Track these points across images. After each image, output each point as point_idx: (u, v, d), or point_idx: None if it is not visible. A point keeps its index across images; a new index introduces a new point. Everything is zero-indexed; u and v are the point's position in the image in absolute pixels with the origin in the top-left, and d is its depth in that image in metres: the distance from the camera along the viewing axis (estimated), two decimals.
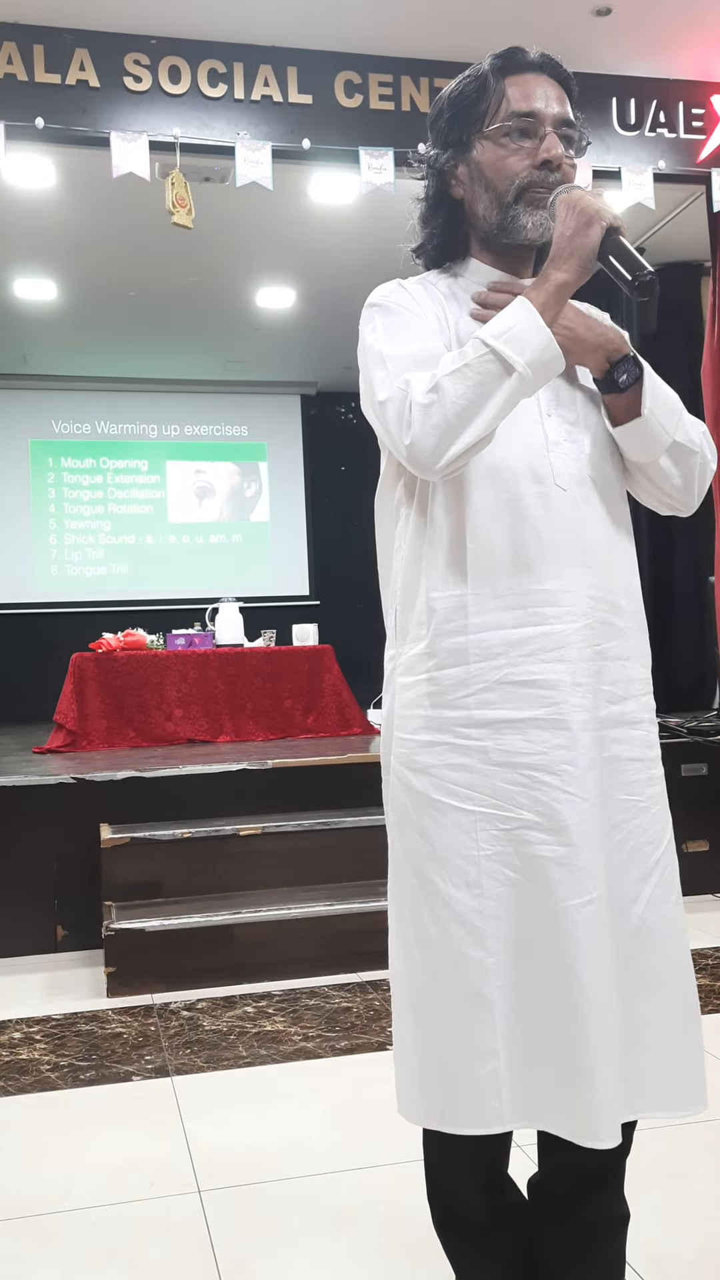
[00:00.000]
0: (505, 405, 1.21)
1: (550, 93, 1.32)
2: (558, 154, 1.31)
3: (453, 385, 1.20)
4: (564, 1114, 1.24)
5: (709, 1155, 2.11)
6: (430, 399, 1.21)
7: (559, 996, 1.23)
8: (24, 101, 3.65)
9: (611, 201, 4.23)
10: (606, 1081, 1.22)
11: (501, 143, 1.32)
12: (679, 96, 4.23)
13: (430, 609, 1.31)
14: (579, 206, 1.23)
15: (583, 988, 1.22)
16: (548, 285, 1.23)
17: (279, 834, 3.55)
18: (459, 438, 1.21)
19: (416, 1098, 1.32)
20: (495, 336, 1.20)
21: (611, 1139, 1.22)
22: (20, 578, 7.67)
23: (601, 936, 1.25)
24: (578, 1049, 1.22)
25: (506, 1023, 1.25)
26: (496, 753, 1.27)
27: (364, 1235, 1.87)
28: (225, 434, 8.08)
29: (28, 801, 3.65)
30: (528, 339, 1.20)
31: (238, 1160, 2.16)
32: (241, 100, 3.84)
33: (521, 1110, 1.26)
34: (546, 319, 1.21)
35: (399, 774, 1.35)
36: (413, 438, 1.23)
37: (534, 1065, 1.25)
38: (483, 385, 1.20)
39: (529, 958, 1.26)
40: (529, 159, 1.31)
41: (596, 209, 1.22)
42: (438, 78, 3.95)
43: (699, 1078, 1.31)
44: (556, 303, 1.23)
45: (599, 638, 1.30)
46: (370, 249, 4.90)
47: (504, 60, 1.34)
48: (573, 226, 1.22)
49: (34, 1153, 2.24)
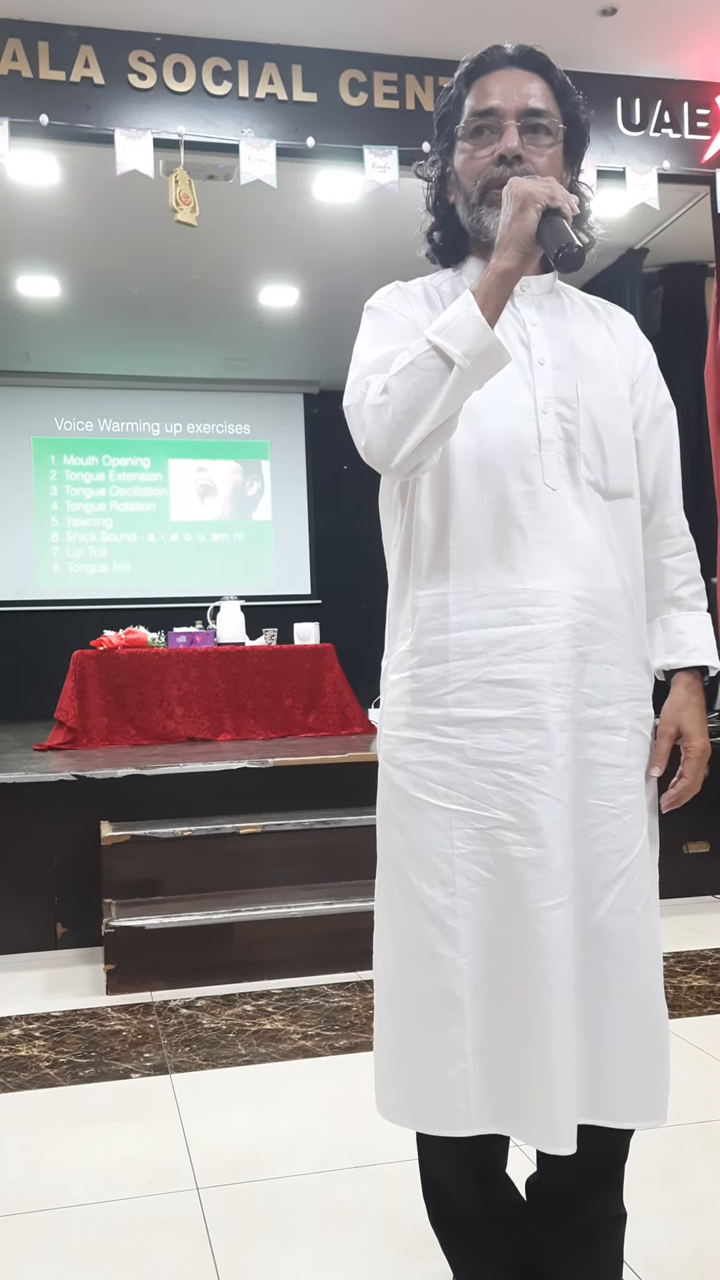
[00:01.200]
0: (450, 398, 1.20)
1: (522, 85, 1.32)
2: (510, 147, 1.30)
3: (398, 384, 1.21)
4: (526, 1119, 1.24)
5: (708, 1156, 2.11)
6: (382, 399, 1.22)
7: (527, 999, 1.23)
8: (28, 98, 3.65)
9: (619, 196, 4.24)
10: (565, 1087, 1.22)
11: (465, 145, 1.34)
12: (684, 97, 4.23)
13: (415, 607, 1.32)
14: (514, 191, 1.21)
15: (550, 990, 1.22)
16: (489, 275, 1.22)
17: (279, 832, 3.55)
18: (409, 435, 1.21)
19: (389, 1095, 1.33)
20: (436, 332, 1.20)
21: (569, 1145, 1.21)
22: (22, 575, 7.67)
23: (569, 939, 1.25)
24: (541, 1053, 1.22)
25: (476, 1024, 1.26)
26: (474, 751, 1.27)
27: (362, 1233, 1.87)
28: (228, 432, 8.08)
29: (28, 799, 3.65)
30: (464, 330, 1.19)
31: (236, 1158, 2.17)
32: (246, 98, 3.84)
33: (488, 1113, 1.26)
34: (489, 310, 1.20)
35: (382, 769, 1.36)
36: (367, 438, 1.25)
37: (500, 1068, 1.25)
38: (425, 381, 1.20)
39: (500, 959, 1.26)
40: (490, 156, 1.31)
41: (528, 192, 1.20)
42: (442, 76, 3.95)
43: (656, 1090, 1.30)
44: (499, 292, 1.21)
45: (582, 639, 1.28)
46: (374, 247, 4.90)
47: (474, 63, 1.35)
48: (510, 213, 1.21)
49: (33, 1149, 2.24)
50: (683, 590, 1.41)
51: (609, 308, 1.45)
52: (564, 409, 1.32)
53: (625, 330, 1.43)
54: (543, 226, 1.20)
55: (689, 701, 1.37)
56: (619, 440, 1.34)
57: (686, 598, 1.41)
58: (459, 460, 1.29)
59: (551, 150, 1.33)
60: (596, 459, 1.32)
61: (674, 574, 1.42)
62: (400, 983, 1.31)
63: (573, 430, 1.31)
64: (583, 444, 1.31)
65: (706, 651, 1.39)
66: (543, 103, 1.32)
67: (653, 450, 1.41)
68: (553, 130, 1.33)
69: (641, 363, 1.42)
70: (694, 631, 1.39)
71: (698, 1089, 2.40)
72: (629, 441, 1.36)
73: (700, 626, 1.40)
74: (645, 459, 1.40)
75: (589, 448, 1.32)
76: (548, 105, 1.33)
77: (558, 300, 1.40)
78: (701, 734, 1.36)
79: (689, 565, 1.43)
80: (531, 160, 1.31)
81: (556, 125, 1.34)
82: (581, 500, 1.30)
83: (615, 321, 1.43)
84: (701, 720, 1.37)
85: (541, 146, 1.32)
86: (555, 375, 1.33)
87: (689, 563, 1.43)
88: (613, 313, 1.45)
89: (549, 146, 1.33)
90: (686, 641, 1.38)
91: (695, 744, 1.35)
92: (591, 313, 1.42)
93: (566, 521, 1.29)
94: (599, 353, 1.37)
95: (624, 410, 1.36)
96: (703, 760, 1.36)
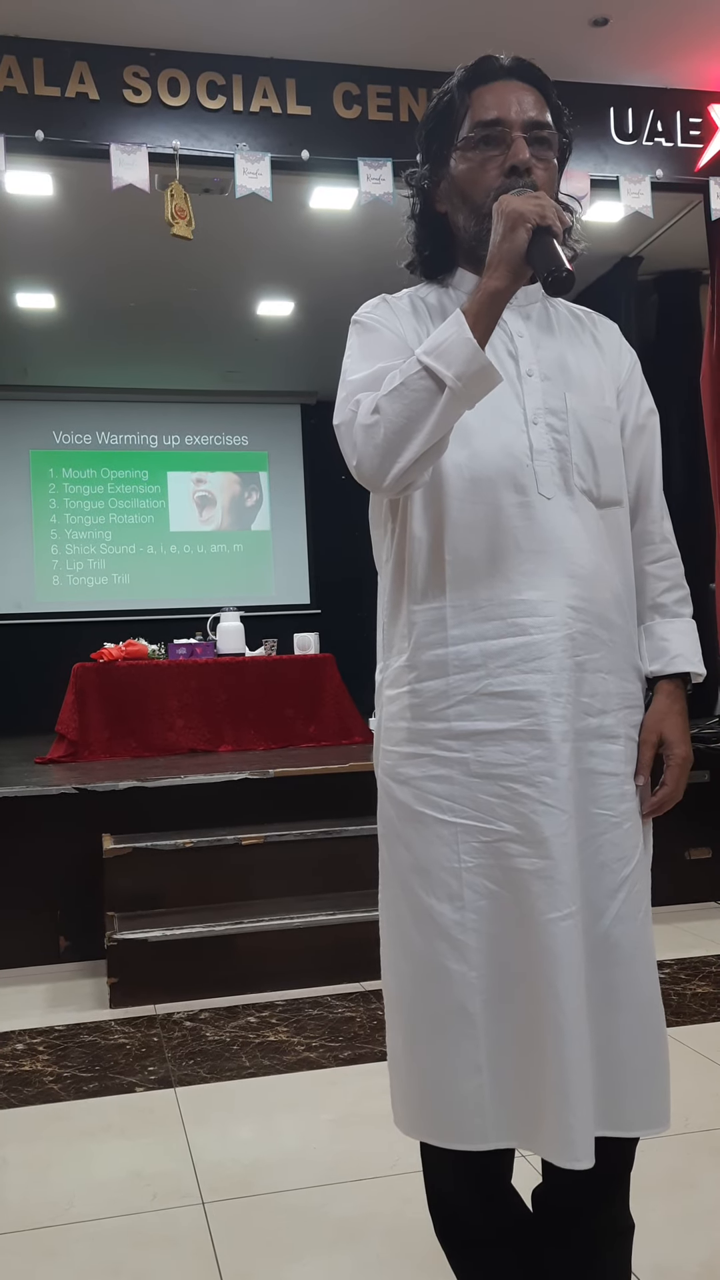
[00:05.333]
0: (442, 419, 1.20)
1: (521, 97, 1.32)
2: (523, 159, 1.29)
3: (389, 405, 1.21)
4: (542, 1133, 1.23)
5: (715, 1165, 2.10)
6: (373, 420, 1.22)
7: (538, 1012, 1.23)
8: (24, 114, 3.67)
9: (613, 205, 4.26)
10: (581, 1100, 1.21)
11: (470, 155, 1.33)
12: (676, 106, 4.25)
13: (411, 622, 1.32)
14: (504, 210, 1.20)
15: (560, 1003, 1.22)
16: (479, 295, 1.21)
17: (281, 843, 3.54)
18: (400, 456, 1.21)
19: (406, 1110, 1.33)
20: (427, 353, 1.20)
21: (587, 1159, 1.21)
22: (21, 588, 7.68)
23: (578, 950, 1.24)
24: (554, 1067, 1.21)
25: (489, 1038, 1.25)
26: (477, 764, 1.27)
27: (368, 1247, 1.87)
28: (225, 444, 8.10)
29: (30, 812, 3.65)
30: (456, 352, 1.18)
31: (241, 1171, 2.16)
32: (240, 112, 3.86)
33: (503, 1127, 1.26)
34: (479, 331, 1.19)
35: (384, 785, 1.36)
36: (358, 458, 1.24)
37: (514, 1082, 1.25)
38: (417, 403, 1.19)
39: (509, 971, 1.25)
40: (498, 168, 1.30)
41: (519, 212, 1.19)
42: (435, 88, 3.96)
43: (660, 1097, 1.30)
44: (489, 312, 1.20)
45: (579, 649, 1.28)
46: (369, 259, 4.91)
47: (471, 72, 1.34)
48: (501, 232, 1.20)
49: (37, 1165, 2.23)
50: (665, 597, 1.41)
51: (594, 317, 1.46)
52: (553, 419, 1.32)
53: (610, 338, 1.44)
54: (533, 247, 1.19)
55: (671, 709, 1.36)
56: (608, 449, 1.35)
57: (669, 604, 1.41)
58: (451, 474, 1.29)
59: (551, 163, 1.34)
60: (588, 468, 1.32)
61: (656, 581, 1.41)
62: (412, 998, 1.30)
63: (564, 440, 1.31)
64: (574, 453, 1.31)
65: (689, 658, 1.39)
66: (542, 115, 1.33)
67: (636, 457, 1.41)
68: (553, 143, 1.34)
69: (626, 370, 1.42)
70: (676, 638, 1.39)
71: (703, 1097, 2.40)
72: (618, 450, 1.37)
73: (682, 633, 1.40)
74: (629, 466, 1.40)
75: (580, 457, 1.32)
76: (546, 118, 1.33)
77: (544, 311, 1.40)
78: (684, 742, 1.36)
79: (671, 572, 1.43)
80: (536, 172, 1.31)
81: (556, 138, 1.34)
82: (576, 509, 1.30)
83: (600, 330, 1.44)
84: (683, 728, 1.37)
85: (544, 159, 1.32)
86: (544, 386, 1.33)
87: (671, 569, 1.43)
88: (597, 322, 1.45)
89: (550, 159, 1.33)
90: (669, 649, 1.38)
91: (677, 752, 1.35)
92: (577, 322, 1.43)
93: (562, 530, 1.29)
94: (586, 363, 1.38)
95: (612, 419, 1.37)
96: (685, 768, 1.35)
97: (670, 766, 1.35)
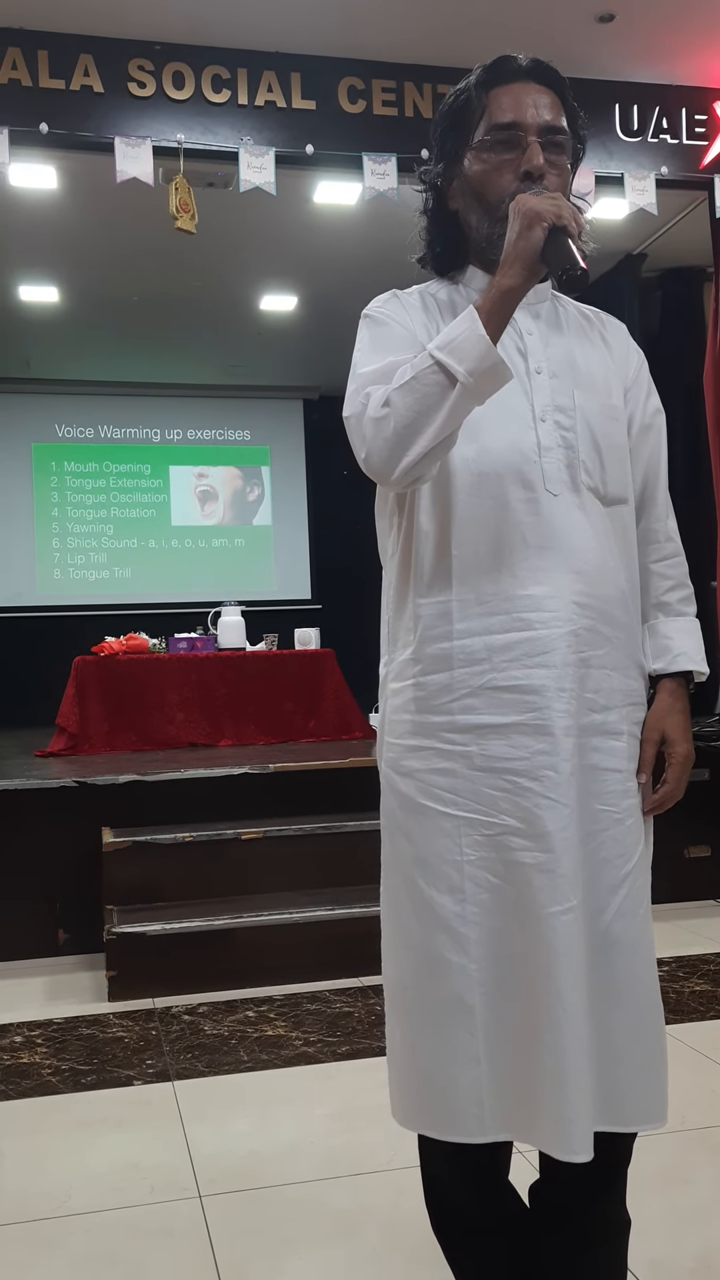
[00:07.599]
0: (452, 414, 1.20)
1: (538, 100, 1.32)
2: (537, 165, 1.30)
3: (401, 398, 1.21)
4: (540, 1127, 1.24)
5: (711, 1162, 2.11)
6: (384, 413, 1.22)
7: (537, 1005, 1.24)
8: (28, 107, 3.66)
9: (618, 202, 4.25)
10: (580, 1094, 1.22)
11: (485, 157, 1.33)
12: (682, 102, 4.24)
13: (416, 615, 1.32)
14: (521, 209, 1.21)
15: (559, 996, 1.22)
16: (493, 293, 1.21)
17: (280, 838, 3.55)
18: (410, 449, 1.21)
19: (404, 1102, 1.33)
20: (439, 348, 1.20)
21: (585, 1153, 1.21)
22: (23, 581, 7.68)
23: (579, 945, 1.25)
24: (553, 1060, 1.22)
25: (488, 1031, 1.26)
26: (480, 758, 1.28)
27: (364, 1239, 1.87)
28: (228, 438, 8.09)
29: (29, 805, 3.65)
30: (468, 348, 1.19)
31: (239, 1165, 2.16)
32: (245, 106, 3.85)
33: (501, 1121, 1.26)
34: (491, 327, 1.20)
35: (387, 778, 1.36)
36: (367, 451, 1.25)
37: (513, 1075, 1.26)
38: (429, 397, 1.20)
39: (509, 964, 1.26)
40: (513, 171, 1.31)
41: (536, 211, 1.19)
42: (440, 84, 3.96)
43: (658, 1093, 1.31)
44: (502, 309, 1.21)
45: (584, 644, 1.29)
46: (373, 254, 4.89)
47: (489, 72, 1.34)
48: (516, 230, 1.21)
49: (34, 1157, 2.24)
50: (669, 595, 1.42)
51: (602, 316, 1.46)
52: (561, 417, 1.33)
53: (618, 338, 1.44)
54: (548, 245, 1.20)
55: (673, 707, 1.37)
56: (615, 447, 1.35)
57: (673, 603, 1.42)
58: (459, 469, 1.29)
59: (565, 168, 1.34)
60: (595, 465, 1.33)
61: (660, 579, 1.42)
62: (412, 990, 1.31)
63: (571, 438, 1.32)
64: (581, 451, 1.32)
65: (692, 657, 1.39)
66: (559, 119, 1.33)
67: (642, 456, 1.42)
68: (567, 148, 1.34)
69: (633, 370, 1.43)
70: (679, 637, 1.39)
71: (701, 1094, 2.40)
72: (625, 449, 1.38)
73: (685, 632, 1.40)
74: (635, 465, 1.41)
75: (587, 455, 1.32)
76: (562, 122, 1.34)
77: (553, 309, 1.41)
78: (685, 740, 1.36)
79: (675, 570, 1.43)
80: (549, 177, 1.31)
81: (570, 142, 1.35)
82: (583, 506, 1.31)
83: (608, 330, 1.45)
84: (685, 726, 1.37)
85: (558, 164, 1.33)
86: (552, 384, 1.33)
87: (675, 568, 1.43)
88: (605, 321, 1.46)
89: (564, 164, 1.34)
90: (671, 647, 1.39)
91: (679, 750, 1.35)
92: (586, 322, 1.44)
93: (568, 527, 1.30)
94: (594, 362, 1.38)
95: (619, 418, 1.37)
96: (686, 766, 1.36)
97: (672, 764, 1.35)
